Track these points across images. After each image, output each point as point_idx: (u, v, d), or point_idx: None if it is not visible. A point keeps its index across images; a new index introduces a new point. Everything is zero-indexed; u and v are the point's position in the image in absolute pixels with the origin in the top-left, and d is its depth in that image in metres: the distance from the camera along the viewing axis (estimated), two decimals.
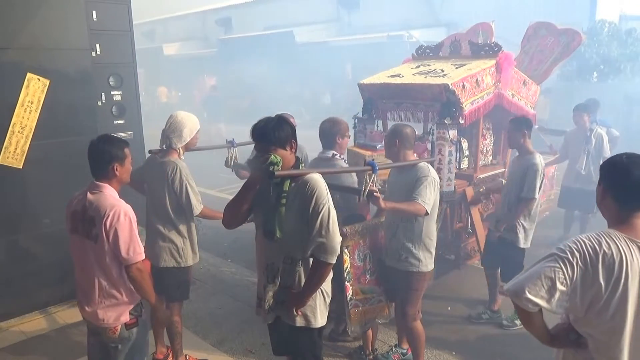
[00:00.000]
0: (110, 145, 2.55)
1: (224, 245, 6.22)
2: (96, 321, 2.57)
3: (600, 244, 1.71)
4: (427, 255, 3.36)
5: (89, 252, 2.51)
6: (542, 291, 1.69)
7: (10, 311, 4.21)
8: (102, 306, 2.54)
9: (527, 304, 1.71)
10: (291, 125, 2.45)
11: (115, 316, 2.55)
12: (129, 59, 4.83)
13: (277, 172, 2.33)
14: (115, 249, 2.44)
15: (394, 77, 4.77)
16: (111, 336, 2.57)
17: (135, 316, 2.61)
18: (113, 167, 2.53)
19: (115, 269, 2.50)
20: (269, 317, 2.57)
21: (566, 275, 1.69)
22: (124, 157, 2.57)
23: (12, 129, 4.05)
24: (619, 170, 1.79)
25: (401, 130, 3.42)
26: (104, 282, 2.52)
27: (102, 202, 2.47)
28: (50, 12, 4.18)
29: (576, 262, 1.69)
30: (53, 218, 4.31)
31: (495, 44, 4.80)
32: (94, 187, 2.55)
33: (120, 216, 2.44)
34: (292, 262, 2.44)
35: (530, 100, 5.25)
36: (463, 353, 3.89)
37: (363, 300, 3.54)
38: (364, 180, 3.10)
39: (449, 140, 4.27)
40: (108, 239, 2.43)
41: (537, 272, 1.72)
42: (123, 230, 2.44)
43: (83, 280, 2.60)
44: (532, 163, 3.96)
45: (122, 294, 2.55)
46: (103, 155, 2.52)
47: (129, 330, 2.58)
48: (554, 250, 1.75)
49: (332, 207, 2.40)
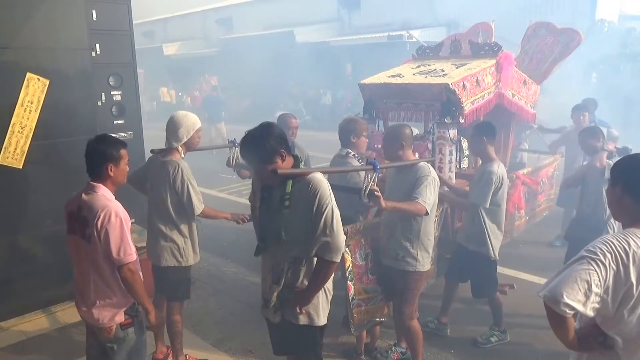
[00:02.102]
0: (106, 145, 2.53)
1: (224, 245, 6.22)
2: (92, 321, 2.57)
3: (629, 244, 1.71)
4: (424, 255, 3.36)
5: (83, 252, 2.52)
6: (579, 295, 1.67)
7: (11, 311, 4.20)
8: (97, 306, 2.54)
9: (565, 309, 1.68)
10: (275, 135, 2.40)
11: (110, 316, 2.55)
12: (129, 59, 4.82)
13: (280, 171, 2.35)
14: (106, 249, 2.43)
15: (394, 77, 4.77)
16: (107, 336, 2.56)
17: (131, 316, 2.60)
18: (107, 168, 2.52)
19: (108, 269, 2.50)
20: (276, 316, 2.57)
21: (600, 277, 1.68)
22: (119, 157, 2.55)
23: (12, 129, 4.05)
24: (638, 169, 1.81)
25: (402, 131, 3.42)
26: (99, 281, 2.52)
27: (94, 203, 2.46)
28: (50, 12, 4.18)
29: (608, 263, 1.69)
30: (53, 218, 4.30)
31: (496, 43, 4.80)
32: (88, 188, 2.54)
33: (111, 217, 2.42)
34: (297, 262, 2.46)
35: (531, 99, 5.25)
36: (461, 352, 3.89)
37: (366, 300, 3.54)
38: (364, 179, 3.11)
39: (449, 140, 4.27)
40: (99, 239, 2.42)
41: (572, 276, 1.69)
42: (114, 230, 2.42)
43: (79, 280, 2.61)
44: (487, 170, 3.74)
45: (116, 294, 2.54)
46: (98, 156, 2.51)
47: (124, 331, 2.57)
48: (584, 253, 1.73)
49: (335, 206, 2.41)
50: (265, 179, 2.46)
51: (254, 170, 2.49)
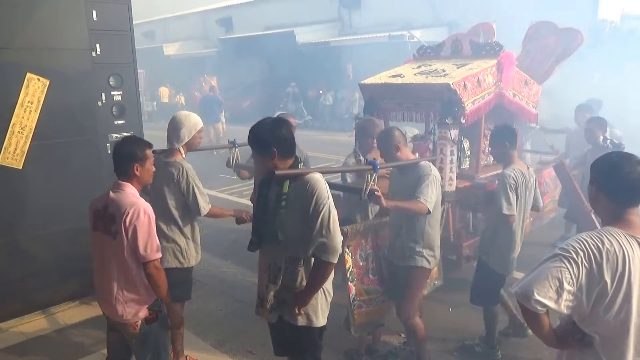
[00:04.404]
0: (132, 145, 2.65)
1: (224, 246, 6.21)
2: (116, 317, 2.63)
3: (602, 242, 1.72)
4: (429, 252, 3.37)
5: (108, 248, 2.58)
6: (550, 292, 1.70)
7: (10, 312, 4.19)
8: (120, 302, 2.59)
9: (536, 305, 1.71)
10: (274, 132, 2.41)
11: (134, 312, 2.61)
12: (129, 59, 4.81)
13: (277, 172, 2.34)
14: (133, 245, 2.51)
15: (395, 77, 4.76)
16: (132, 332, 2.63)
17: (155, 311, 2.68)
18: (134, 167, 2.62)
19: (133, 265, 2.56)
20: (272, 316, 2.57)
21: (572, 275, 1.70)
22: (144, 157, 2.65)
23: (12, 129, 4.04)
24: (611, 168, 1.82)
25: (393, 134, 3.40)
26: (123, 278, 2.58)
27: (122, 200, 2.55)
28: (50, 12, 4.17)
29: (581, 261, 1.70)
30: (53, 218, 4.30)
31: (497, 43, 4.78)
32: (116, 186, 2.62)
33: (139, 214, 2.51)
34: (294, 262, 2.45)
35: (532, 100, 5.24)
36: (464, 355, 3.87)
37: (367, 301, 3.53)
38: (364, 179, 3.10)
39: (450, 140, 4.25)
40: (127, 235, 2.49)
41: (544, 273, 1.72)
42: (142, 227, 2.50)
43: (101, 277, 2.65)
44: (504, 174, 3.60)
45: (140, 290, 2.61)
46: (124, 156, 2.61)
47: (149, 326, 2.65)
48: (557, 251, 1.76)
49: (332, 207, 2.40)
50: (258, 168, 2.49)
51: (253, 157, 2.51)
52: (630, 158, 1.82)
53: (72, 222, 4.37)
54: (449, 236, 4.74)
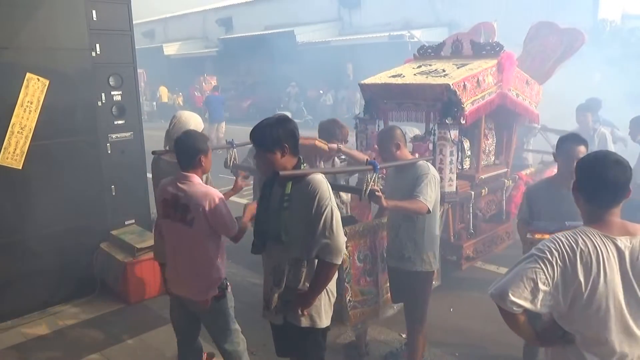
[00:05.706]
0: (196, 140, 2.87)
1: (225, 246, 6.18)
2: (190, 295, 2.89)
3: (577, 242, 1.73)
4: (430, 254, 3.32)
5: (183, 235, 2.80)
6: (525, 292, 1.72)
7: (10, 312, 4.19)
8: (195, 282, 2.85)
9: (512, 306, 1.73)
10: (285, 127, 2.40)
11: (207, 291, 2.86)
12: (129, 59, 4.81)
13: (281, 173, 2.33)
14: (220, 228, 2.80)
15: (395, 77, 4.75)
16: (204, 308, 2.88)
17: (223, 289, 2.93)
18: (199, 159, 2.84)
19: (212, 246, 2.84)
20: (277, 318, 2.56)
21: (547, 275, 1.71)
22: (207, 149, 2.90)
23: (12, 129, 4.03)
24: (586, 170, 1.83)
25: (395, 132, 3.38)
26: (200, 261, 2.83)
27: (194, 191, 2.77)
28: (50, 12, 4.16)
29: (555, 261, 1.72)
30: (53, 218, 4.29)
31: (497, 43, 4.77)
32: (182, 178, 2.82)
33: (215, 199, 2.75)
34: (298, 263, 2.43)
35: (534, 99, 5.23)
36: (465, 355, 3.86)
37: (362, 302, 3.52)
38: (364, 179, 3.09)
39: (450, 140, 4.24)
40: (208, 221, 2.74)
41: (519, 274, 1.74)
42: (222, 209, 2.77)
43: (175, 261, 2.90)
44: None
45: (213, 272, 2.86)
46: (191, 149, 2.82)
47: (219, 302, 2.92)
48: (533, 251, 1.78)
49: (335, 208, 2.38)
50: (263, 168, 2.46)
51: (256, 157, 2.48)
52: (607, 158, 1.80)
53: (72, 221, 4.38)
54: (449, 237, 4.74)
